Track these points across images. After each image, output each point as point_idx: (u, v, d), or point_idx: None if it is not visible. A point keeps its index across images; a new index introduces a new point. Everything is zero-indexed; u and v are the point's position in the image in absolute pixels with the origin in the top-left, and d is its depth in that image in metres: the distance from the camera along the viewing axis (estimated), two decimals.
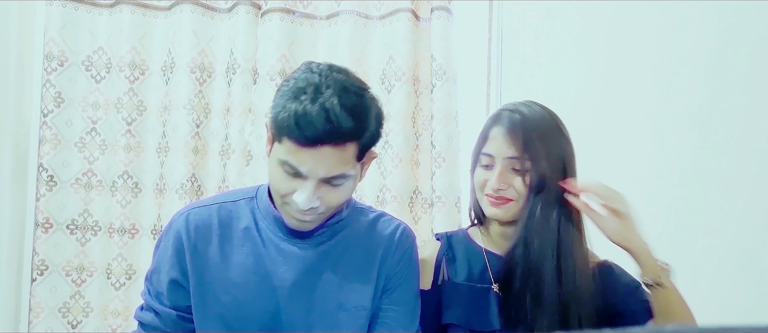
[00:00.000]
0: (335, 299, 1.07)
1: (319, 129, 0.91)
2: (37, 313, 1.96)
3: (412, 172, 1.92)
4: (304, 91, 0.93)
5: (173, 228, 1.08)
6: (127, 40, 2.01)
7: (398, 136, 1.89)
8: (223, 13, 2.03)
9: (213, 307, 1.06)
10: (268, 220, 1.08)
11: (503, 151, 1.16)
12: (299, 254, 1.07)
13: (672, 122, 1.88)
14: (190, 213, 1.09)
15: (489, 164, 1.18)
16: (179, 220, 1.08)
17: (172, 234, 1.08)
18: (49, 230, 1.98)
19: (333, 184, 0.99)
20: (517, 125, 1.17)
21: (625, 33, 1.92)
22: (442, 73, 1.89)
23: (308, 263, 1.07)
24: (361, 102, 0.96)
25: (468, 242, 1.27)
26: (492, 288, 1.20)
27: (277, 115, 0.95)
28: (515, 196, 1.16)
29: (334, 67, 0.99)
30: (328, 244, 1.09)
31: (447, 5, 1.92)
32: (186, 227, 1.07)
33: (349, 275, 1.08)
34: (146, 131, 2.03)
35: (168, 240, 1.08)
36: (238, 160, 1.94)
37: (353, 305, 1.08)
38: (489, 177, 1.17)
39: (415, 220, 1.93)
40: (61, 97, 1.99)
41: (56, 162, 1.99)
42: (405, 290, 1.13)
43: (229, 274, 1.06)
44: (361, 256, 1.10)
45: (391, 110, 1.90)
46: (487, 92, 2.01)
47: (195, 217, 1.08)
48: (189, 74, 1.98)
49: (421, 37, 1.94)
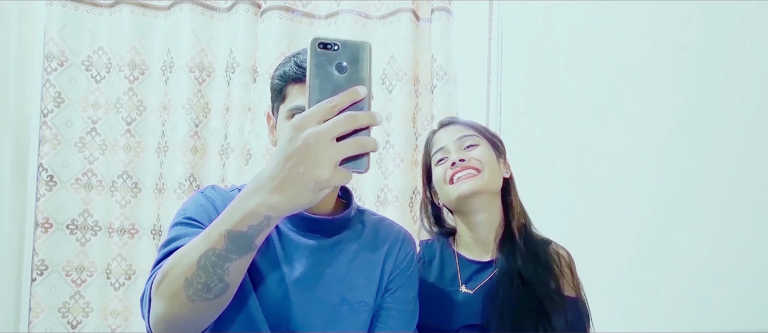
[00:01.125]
0: (339, 293, 1.07)
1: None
2: (37, 313, 1.96)
3: (413, 173, 1.92)
4: (292, 55, 1.07)
5: (203, 191, 1.09)
6: (127, 40, 2.01)
7: (399, 135, 1.89)
8: (223, 13, 2.03)
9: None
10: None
11: (452, 138, 1.27)
12: (309, 246, 1.07)
13: (672, 122, 1.88)
14: (215, 188, 1.10)
15: (443, 157, 1.28)
16: (209, 190, 1.09)
17: (206, 193, 1.07)
18: (49, 230, 1.98)
19: None
20: (452, 120, 1.33)
21: (625, 32, 1.92)
22: (442, 73, 1.89)
23: (316, 256, 1.07)
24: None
25: (445, 246, 1.32)
26: (460, 290, 1.24)
27: (278, 75, 1.06)
28: (479, 166, 1.24)
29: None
30: (336, 238, 1.10)
31: (447, 6, 1.92)
32: (218, 195, 1.07)
33: (354, 271, 1.10)
34: (146, 131, 2.03)
35: (195, 197, 1.07)
36: (238, 159, 1.94)
37: (356, 300, 1.09)
38: (447, 162, 1.26)
39: (414, 220, 1.92)
40: (61, 97, 2.00)
41: (56, 162, 1.99)
42: (407, 290, 1.14)
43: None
44: (367, 253, 1.12)
45: (392, 110, 1.90)
46: (487, 92, 2.01)
47: (219, 189, 1.09)
48: (188, 74, 1.98)
49: (422, 38, 1.94)
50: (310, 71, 0.74)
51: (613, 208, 1.79)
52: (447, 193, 1.26)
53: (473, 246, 1.30)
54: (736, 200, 1.83)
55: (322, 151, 0.71)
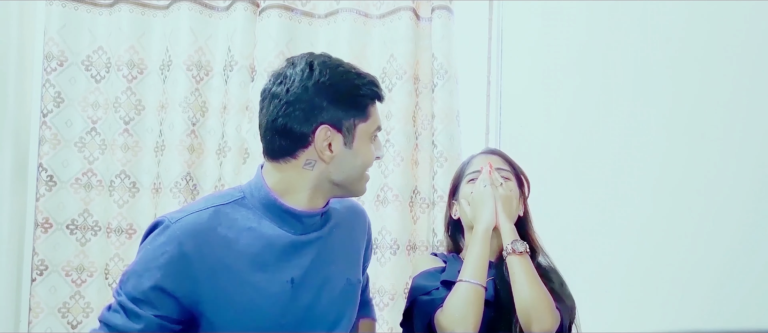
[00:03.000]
0: (344, 275, 1.17)
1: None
2: (37, 313, 1.96)
3: (413, 172, 1.92)
4: (354, 70, 1.10)
5: (170, 234, 1.02)
6: (126, 39, 2.01)
7: (399, 134, 1.89)
8: (221, 12, 2.03)
9: (227, 309, 1.04)
10: (271, 216, 1.08)
11: (488, 162, 1.42)
12: (309, 240, 1.11)
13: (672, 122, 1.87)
14: (185, 218, 1.04)
15: (475, 177, 1.41)
16: (177, 227, 1.03)
17: (172, 241, 1.02)
18: (49, 230, 1.98)
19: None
20: (495, 150, 1.50)
21: (624, 32, 1.91)
22: (443, 72, 1.89)
23: (317, 248, 1.12)
24: None
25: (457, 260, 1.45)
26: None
27: (356, 92, 1.08)
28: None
29: (325, 55, 1.12)
30: (328, 227, 1.15)
31: (448, 4, 1.92)
32: (190, 233, 1.02)
33: (348, 252, 1.20)
34: (144, 130, 2.02)
35: (163, 247, 1.02)
36: (235, 158, 1.94)
37: (356, 279, 1.21)
38: (478, 179, 1.40)
39: (414, 219, 1.92)
40: (60, 97, 2.00)
41: (56, 162, 1.99)
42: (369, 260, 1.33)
43: (242, 275, 1.04)
44: (349, 234, 1.22)
45: (392, 109, 1.90)
46: (487, 92, 2.00)
47: (195, 223, 1.04)
48: (186, 72, 1.97)
49: (422, 36, 1.94)
50: None
51: (613, 207, 1.78)
52: (467, 210, 1.41)
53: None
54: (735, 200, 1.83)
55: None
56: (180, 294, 1.02)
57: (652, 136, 1.88)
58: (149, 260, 1.02)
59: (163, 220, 1.05)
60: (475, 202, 1.38)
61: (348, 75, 1.08)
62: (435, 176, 1.89)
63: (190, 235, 1.02)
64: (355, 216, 1.26)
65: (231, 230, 1.05)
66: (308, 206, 1.10)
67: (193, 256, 1.02)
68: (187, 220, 1.04)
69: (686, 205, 1.85)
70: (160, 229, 1.04)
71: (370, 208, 1.84)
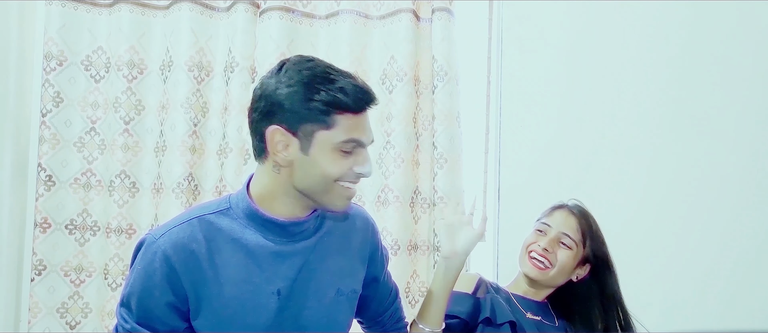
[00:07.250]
0: (334, 286, 1.13)
1: (367, 93, 1.01)
2: (36, 313, 1.96)
3: (413, 173, 1.92)
4: (324, 75, 1.00)
5: (155, 251, 1.03)
6: (125, 40, 2.01)
7: (400, 136, 1.89)
8: (222, 12, 2.03)
9: (211, 322, 1.04)
10: (255, 226, 1.07)
11: (561, 226, 1.41)
12: (295, 251, 1.08)
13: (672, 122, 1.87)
14: (168, 233, 1.05)
15: (543, 231, 1.42)
16: (161, 242, 1.03)
17: (158, 257, 1.03)
18: (48, 230, 1.98)
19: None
20: (579, 212, 1.44)
21: (624, 32, 1.92)
22: (443, 73, 1.89)
23: (304, 258, 1.09)
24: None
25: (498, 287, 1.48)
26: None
27: (312, 96, 0.99)
28: (554, 264, 1.39)
29: (305, 57, 1.05)
30: (316, 236, 1.12)
31: (448, 6, 1.92)
32: (174, 247, 1.03)
33: (342, 262, 1.15)
34: (144, 131, 2.02)
35: (153, 265, 1.03)
36: (236, 159, 1.94)
37: (350, 289, 1.16)
38: (539, 240, 1.41)
39: (415, 220, 1.92)
40: (60, 97, 1.99)
41: (55, 162, 1.99)
42: (383, 269, 1.26)
43: (225, 288, 1.04)
44: (346, 243, 1.17)
45: (393, 110, 1.90)
46: (487, 92, 2.00)
47: (177, 237, 1.04)
48: (187, 73, 1.97)
49: (422, 38, 1.94)
50: None
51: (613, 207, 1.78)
52: (521, 257, 1.45)
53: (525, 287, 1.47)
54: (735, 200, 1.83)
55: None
56: (181, 304, 1.04)
57: (652, 136, 1.88)
58: (145, 280, 1.03)
59: (145, 239, 1.06)
60: (445, 230, 1.27)
61: (314, 79, 0.99)
62: (435, 177, 1.90)
63: (173, 249, 1.03)
64: (356, 224, 1.20)
65: (213, 242, 1.05)
66: (291, 215, 1.07)
67: (180, 269, 1.03)
68: (169, 235, 1.04)
69: (687, 205, 1.86)
70: (145, 248, 1.05)
71: (371, 209, 1.84)
